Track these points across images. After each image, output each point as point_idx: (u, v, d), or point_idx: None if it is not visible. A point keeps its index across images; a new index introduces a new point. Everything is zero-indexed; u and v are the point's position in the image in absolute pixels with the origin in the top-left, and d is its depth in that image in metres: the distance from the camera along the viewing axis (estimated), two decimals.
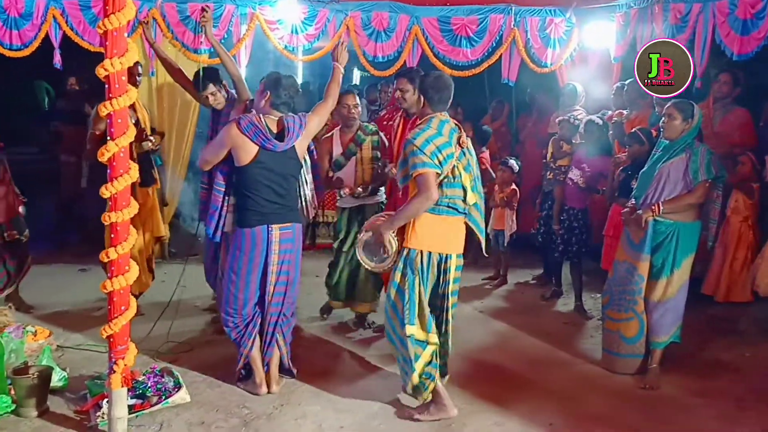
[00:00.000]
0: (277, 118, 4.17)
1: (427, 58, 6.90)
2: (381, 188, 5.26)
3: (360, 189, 5.10)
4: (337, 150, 5.20)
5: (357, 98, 5.22)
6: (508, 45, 6.91)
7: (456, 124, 3.98)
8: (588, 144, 5.87)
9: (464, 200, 3.91)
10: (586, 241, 5.96)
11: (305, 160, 4.38)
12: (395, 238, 3.93)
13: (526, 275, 7.00)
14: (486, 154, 7.04)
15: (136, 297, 4.14)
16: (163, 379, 4.10)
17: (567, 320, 5.83)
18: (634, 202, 4.69)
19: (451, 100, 3.98)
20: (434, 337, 3.92)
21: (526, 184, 7.33)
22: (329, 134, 5.29)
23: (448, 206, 3.88)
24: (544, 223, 6.35)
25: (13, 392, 3.83)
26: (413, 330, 3.87)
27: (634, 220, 4.56)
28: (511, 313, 5.94)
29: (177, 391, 4.03)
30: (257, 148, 4.05)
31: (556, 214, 6.03)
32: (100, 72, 3.37)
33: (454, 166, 3.83)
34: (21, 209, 5.39)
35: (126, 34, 3.46)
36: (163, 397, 3.96)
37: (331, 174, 5.17)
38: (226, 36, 6.70)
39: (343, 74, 4.53)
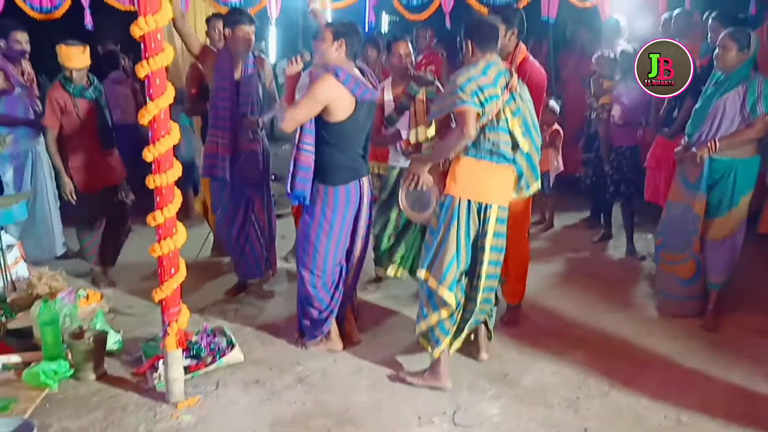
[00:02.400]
0: (356, 68, 3.95)
1: None
2: None
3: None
4: (389, 104, 4.73)
5: (409, 46, 4.80)
6: None
7: (507, 68, 3.72)
8: (627, 75, 5.62)
9: (513, 147, 3.66)
10: (637, 180, 5.77)
11: None
12: (435, 183, 3.76)
13: (573, 218, 6.86)
14: None
15: None
16: (215, 339, 4.11)
17: (618, 263, 5.70)
18: (687, 139, 4.51)
19: (498, 43, 3.72)
20: (452, 298, 3.67)
21: (570, 125, 7.11)
22: (381, 85, 4.76)
23: (492, 152, 3.62)
24: (591, 165, 6.18)
25: (70, 357, 3.87)
26: (435, 285, 3.68)
27: (689, 157, 4.38)
28: (561, 257, 5.83)
29: (230, 350, 4.03)
30: (355, 100, 3.82)
31: (604, 155, 5.85)
32: (135, 31, 3.27)
33: (500, 110, 3.59)
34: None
35: None
36: (217, 357, 3.97)
37: (384, 130, 4.74)
38: None
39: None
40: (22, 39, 5.43)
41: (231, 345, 4.09)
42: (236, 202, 4.84)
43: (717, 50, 4.32)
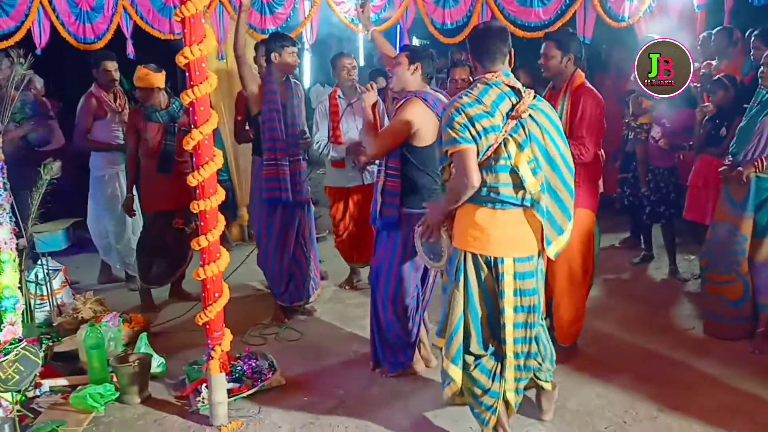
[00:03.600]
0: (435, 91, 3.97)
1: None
2: None
3: None
4: None
5: (468, 70, 4.93)
6: (582, 1, 6.53)
7: (512, 88, 3.10)
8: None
9: (518, 187, 3.04)
10: (677, 201, 5.68)
11: None
12: (446, 231, 3.34)
13: (611, 239, 6.77)
14: None
15: None
16: (258, 362, 4.12)
17: (661, 284, 5.61)
18: (732, 158, 4.44)
19: (505, 55, 3.15)
20: (457, 374, 3.25)
21: (606, 145, 7.04)
22: None
23: (491, 196, 3.06)
24: (628, 185, 6.11)
25: (115, 380, 3.91)
26: (438, 341, 3.35)
27: (735, 177, 4.31)
28: (602, 279, 5.75)
29: (272, 374, 4.05)
30: (440, 123, 3.77)
31: (642, 175, 5.79)
32: (180, 60, 3.33)
33: (500, 143, 3.01)
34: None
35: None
36: (260, 380, 3.98)
37: None
38: (291, 14, 6.67)
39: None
40: (111, 68, 5.66)
41: (273, 368, 4.10)
42: (288, 225, 4.90)
43: (761, 68, 4.27)
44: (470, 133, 2.98)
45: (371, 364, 4.23)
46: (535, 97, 3.10)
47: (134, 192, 5.31)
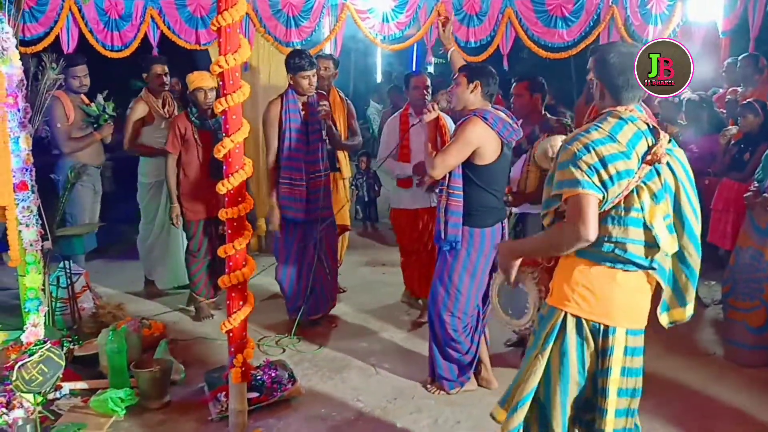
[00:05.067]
0: (497, 110, 3.94)
1: (520, 41, 6.73)
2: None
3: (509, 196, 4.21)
4: None
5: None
6: (606, 23, 6.63)
7: (650, 125, 2.58)
8: (692, 124, 5.57)
9: (650, 246, 2.52)
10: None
11: None
12: (536, 283, 2.90)
13: None
14: None
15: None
16: (277, 372, 4.11)
17: None
18: (757, 184, 4.43)
19: (640, 87, 2.61)
20: None
21: None
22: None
23: (615, 253, 2.52)
24: None
25: (135, 385, 3.92)
26: (498, 413, 2.79)
27: (761, 203, 4.30)
28: None
29: (292, 384, 4.04)
30: (501, 142, 3.81)
31: None
32: (215, 69, 3.36)
33: (633, 190, 2.49)
34: None
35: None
36: (279, 390, 3.98)
37: None
38: (316, 28, 6.74)
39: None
40: (161, 71, 5.65)
41: (292, 379, 4.10)
42: (306, 242, 4.91)
43: None
44: (599, 178, 2.43)
45: (428, 379, 4.21)
46: (669, 140, 2.58)
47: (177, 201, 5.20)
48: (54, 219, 4.43)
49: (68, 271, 4.72)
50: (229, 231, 3.52)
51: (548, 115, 4.50)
